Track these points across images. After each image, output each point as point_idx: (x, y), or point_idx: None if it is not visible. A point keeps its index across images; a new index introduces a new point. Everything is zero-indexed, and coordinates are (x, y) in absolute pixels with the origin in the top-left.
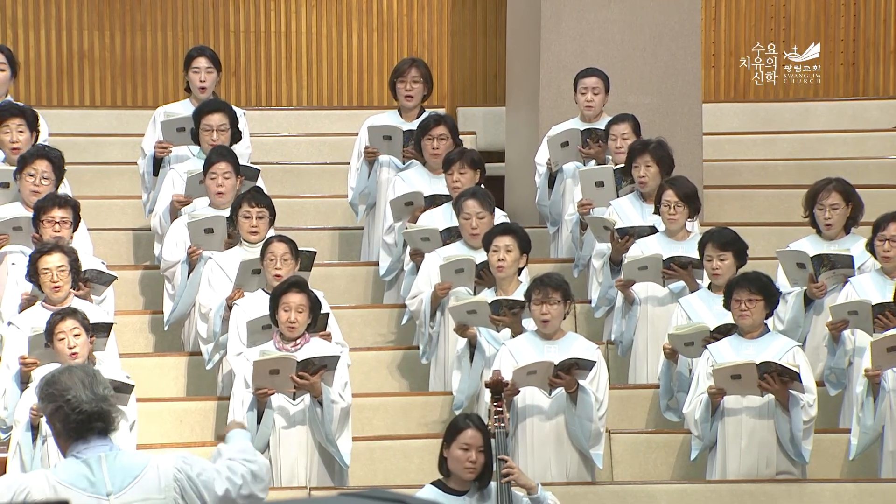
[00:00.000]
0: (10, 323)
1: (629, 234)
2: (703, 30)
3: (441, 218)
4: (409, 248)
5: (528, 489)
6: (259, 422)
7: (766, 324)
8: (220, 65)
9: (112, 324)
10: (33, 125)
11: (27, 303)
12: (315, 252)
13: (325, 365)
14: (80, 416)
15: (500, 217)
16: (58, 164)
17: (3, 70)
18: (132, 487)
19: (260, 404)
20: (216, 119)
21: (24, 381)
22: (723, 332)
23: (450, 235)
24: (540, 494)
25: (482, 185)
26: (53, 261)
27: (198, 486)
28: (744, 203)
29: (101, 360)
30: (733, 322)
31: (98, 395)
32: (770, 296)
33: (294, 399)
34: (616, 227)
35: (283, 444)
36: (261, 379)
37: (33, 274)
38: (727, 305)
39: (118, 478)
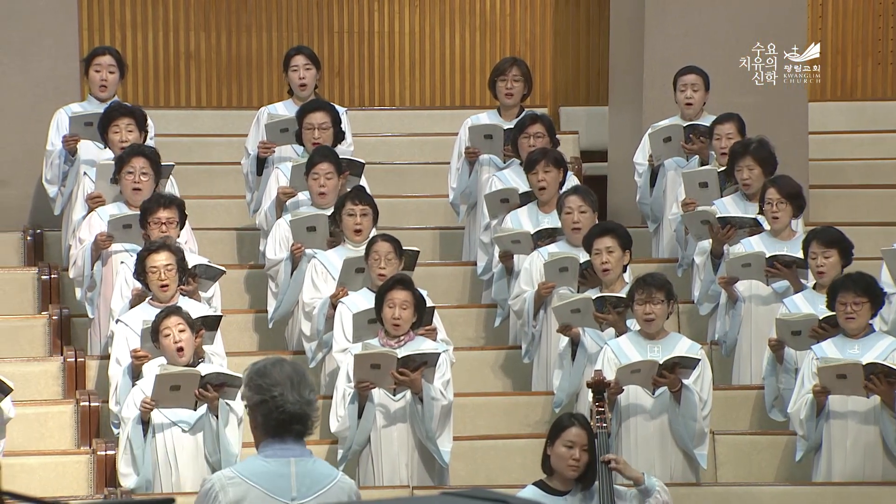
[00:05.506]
0: (118, 321)
1: (730, 224)
2: (808, 28)
3: (526, 218)
4: (497, 251)
5: (635, 480)
6: (360, 416)
7: (871, 324)
8: (319, 62)
9: (221, 316)
10: (142, 125)
11: (137, 299)
12: (418, 251)
13: (425, 361)
14: (282, 415)
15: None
16: (154, 160)
17: (112, 72)
18: (317, 498)
19: (361, 398)
20: (318, 118)
21: (135, 375)
22: (832, 323)
23: (540, 237)
24: (647, 483)
25: (580, 184)
26: (161, 259)
27: None
28: (850, 203)
29: (210, 354)
30: None
31: (304, 397)
32: (875, 297)
33: (395, 395)
34: (717, 216)
35: (384, 441)
36: (361, 372)
37: (140, 272)
38: (831, 307)
39: (305, 485)
